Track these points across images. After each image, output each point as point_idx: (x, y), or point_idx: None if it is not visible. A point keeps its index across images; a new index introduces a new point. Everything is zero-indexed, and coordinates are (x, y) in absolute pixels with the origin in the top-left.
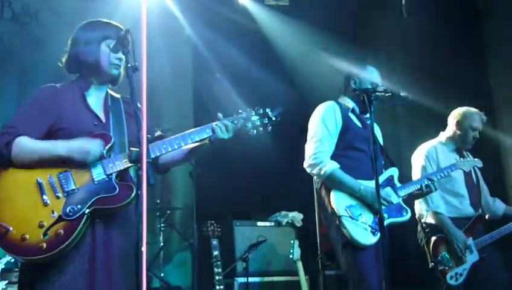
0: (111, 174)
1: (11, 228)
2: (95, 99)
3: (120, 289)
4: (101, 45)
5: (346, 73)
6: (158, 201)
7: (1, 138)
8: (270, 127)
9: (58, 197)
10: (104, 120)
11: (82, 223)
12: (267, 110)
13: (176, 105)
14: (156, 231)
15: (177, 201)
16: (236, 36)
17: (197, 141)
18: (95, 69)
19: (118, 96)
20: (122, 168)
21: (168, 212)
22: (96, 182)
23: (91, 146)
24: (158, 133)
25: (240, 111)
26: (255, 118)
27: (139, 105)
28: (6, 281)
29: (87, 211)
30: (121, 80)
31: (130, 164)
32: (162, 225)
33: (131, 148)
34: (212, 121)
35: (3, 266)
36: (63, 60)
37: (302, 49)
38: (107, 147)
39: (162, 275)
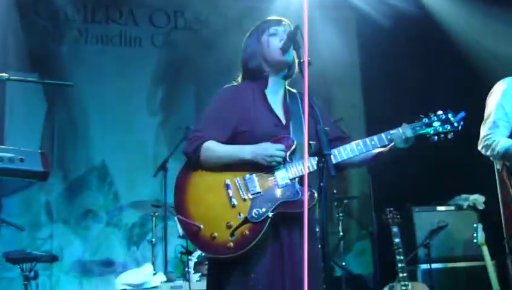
0: (294, 178)
1: (202, 226)
2: (274, 97)
3: None
4: (263, 36)
5: None
6: (335, 191)
7: (190, 143)
8: (451, 134)
9: (244, 200)
10: (284, 121)
11: (266, 226)
12: (450, 115)
13: (345, 94)
14: (334, 221)
15: (354, 190)
16: (403, 24)
17: (376, 148)
18: (266, 60)
19: (294, 91)
20: (304, 172)
21: (345, 201)
22: (280, 187)
23: (274, 151)
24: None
25: (420, 116)
26: (436, 124)
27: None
28: (200, 274)
29: (271, 214)
30: (293, 76)
31: (312, 169)
32: (340, 214)
33: (310, 142)
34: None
35: (196, 260)
36: (241, 66)
37: (477, 30)
38: (289, 151)
39: (344, 263)
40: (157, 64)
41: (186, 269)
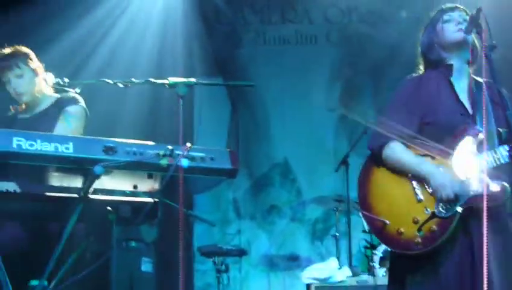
0: (482, 170)
1: (388, 222)
2: (460, 85)
3: None
4: (438, 24)
5: None
6: None
7: (375, 139)
8: None
9: (431, 194)
10: (470, 111)
11: (455, 221)
12: None
13: None
14: None
15: None
16: None
17: None
18: (444, 46)
19: (481, 80)
20: (483, 163)
21: None
22: (467, 180)
23: (447, 187)
24: None
25: None
26: None
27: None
28: (385, 268)
29: (460, 209)
30: (477, 62)
31: (502, 161)
32: None
33: (500, 129)
34: None
35: (381, 255)
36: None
37: None
38: (476, 143)
39: None
40: (333, 60)
41: (372, 264)
